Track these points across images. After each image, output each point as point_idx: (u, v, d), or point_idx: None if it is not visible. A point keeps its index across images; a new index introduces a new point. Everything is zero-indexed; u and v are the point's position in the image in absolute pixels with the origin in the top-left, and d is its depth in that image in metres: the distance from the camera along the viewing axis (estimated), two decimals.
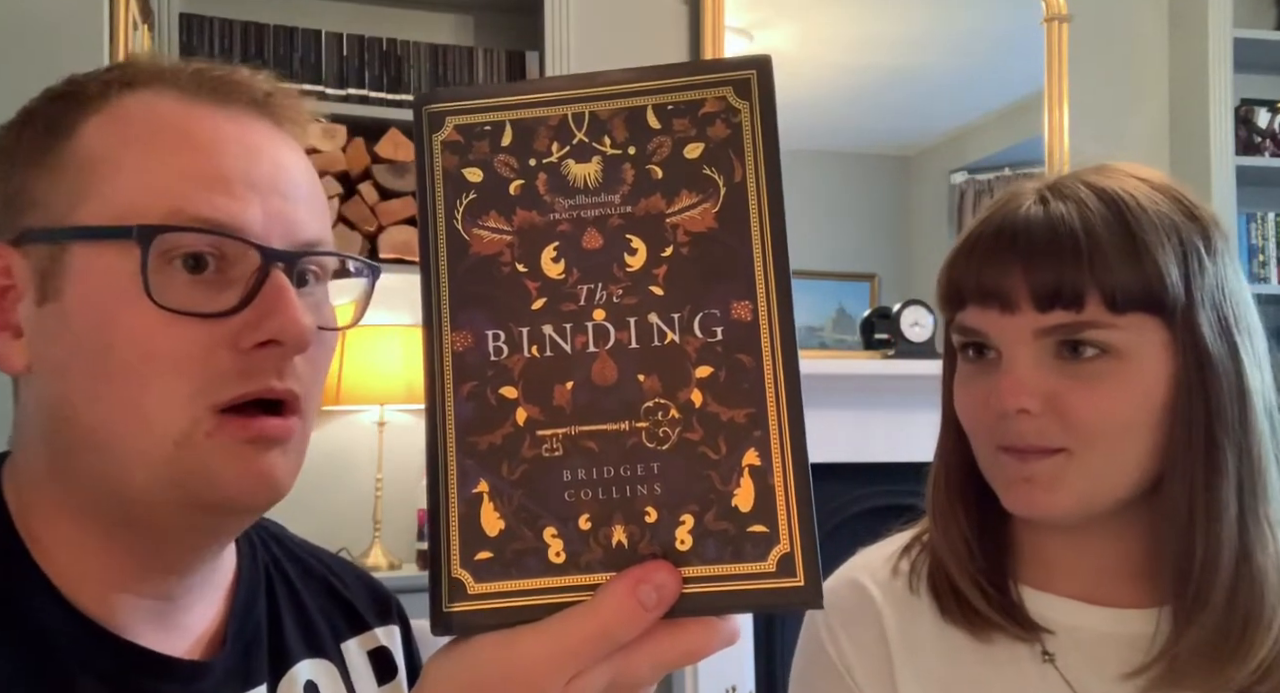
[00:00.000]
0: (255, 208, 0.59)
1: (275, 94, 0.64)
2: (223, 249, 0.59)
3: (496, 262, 0.44)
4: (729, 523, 0.41)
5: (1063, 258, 0.74)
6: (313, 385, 0.63)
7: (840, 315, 2.92)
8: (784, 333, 0.42)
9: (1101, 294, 0.74)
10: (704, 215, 0.43)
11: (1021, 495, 0.77)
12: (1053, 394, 0.75)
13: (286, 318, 0.58)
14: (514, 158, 0.45)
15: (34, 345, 0.61)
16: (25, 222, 0.61)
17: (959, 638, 0.83)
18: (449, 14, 2.70)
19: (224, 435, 0.58)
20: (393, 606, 0.83)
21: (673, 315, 0.43)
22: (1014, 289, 0.75)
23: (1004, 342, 0.77)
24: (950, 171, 3.04)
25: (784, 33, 2.91)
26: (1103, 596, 0.82)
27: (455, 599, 0.42)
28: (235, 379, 0.58)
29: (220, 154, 0.60)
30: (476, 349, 0.43)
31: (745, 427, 0.42)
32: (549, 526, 0.42)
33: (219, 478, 0.58)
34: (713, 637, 0.42)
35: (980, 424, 0.80)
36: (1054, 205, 0.77)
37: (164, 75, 0.63)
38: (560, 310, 0.43)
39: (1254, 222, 3.09)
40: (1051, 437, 0.75)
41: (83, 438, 0.59)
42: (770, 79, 0.44)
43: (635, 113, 0.44)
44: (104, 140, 0.60)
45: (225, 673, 0.65)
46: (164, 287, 0.57)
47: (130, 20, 1.87)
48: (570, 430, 0.42)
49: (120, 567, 0.61)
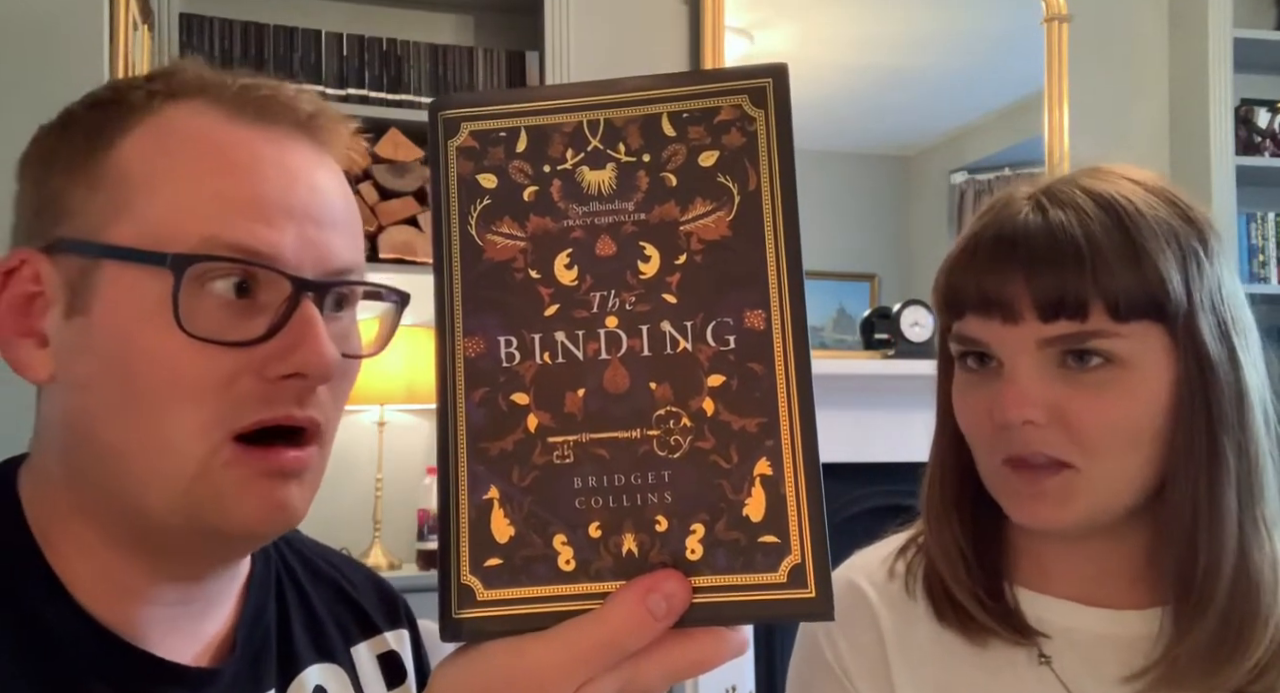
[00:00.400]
0: (290, 235, 0.59)
1: (318, 115, 0.64)
2: (256, 276, 0.59)
3: (510, 268, 0.44)
4: (740, 533, 0.41)
5: (1065, 267, 0.73)
6: (334, 412, 0.63)
7: (840, 315, 2.92)
8: (797, 342, 0.42)
9: (1105, 303, 0.73)
10: (718, 223, 0.43)
11: (1029, 510, 0.77)
12: (1057, 405, 0.75)
13: (312, 351, 0.58)
14: (528, 164, 0.44)
15: (59, 357, 0.60)
16: (59, 231, 0.60)
17: (955, 642, 0.83)
18: (449, 14, 2.69)
19: (242, 467, 0.58)
20: (401, 608, 0.83)
21: (685, 323, 0.43)
22: (1017, 299, 0.75)
23: (1006, 352, 0.76)
24: (950, 171, 3.04)
25: (784, 33, 2.91)
26: (1100, 597, 0.82)
27: (464, 606, 0.42)
28: (256, 406, 0.58)
29: (258, 178, 0.59)
30: (488, 355, 0.43)
31: (757, 436, 0.41)
32: (559, 533, 0.42)
33: (234, 509, 0.58)
34: (722, 647, 0.42)
35: (983, 436, 0.79)
36: (1053, 212, 0.76)
37: (208, 89, 0.62)
38: (573, 317, 0.43)
39: (1254, 222, 3.08)
40: (1057, 447, 0.75)
41: (100, 455, 0.59)
42: (786, 88, 0.44)
43: (650, 120, 0.44)
44: (143, 156, 0.60)
45: (234, 679, 0.65)
46: (193, 313, 0.57)
47: (130, 20, 1.87)
48: (581, 438, 0.42)
49: (132, 575, 0.61)
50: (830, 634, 0.87)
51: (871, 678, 0.85)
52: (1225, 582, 0.74)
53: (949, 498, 0.84)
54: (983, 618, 0.81)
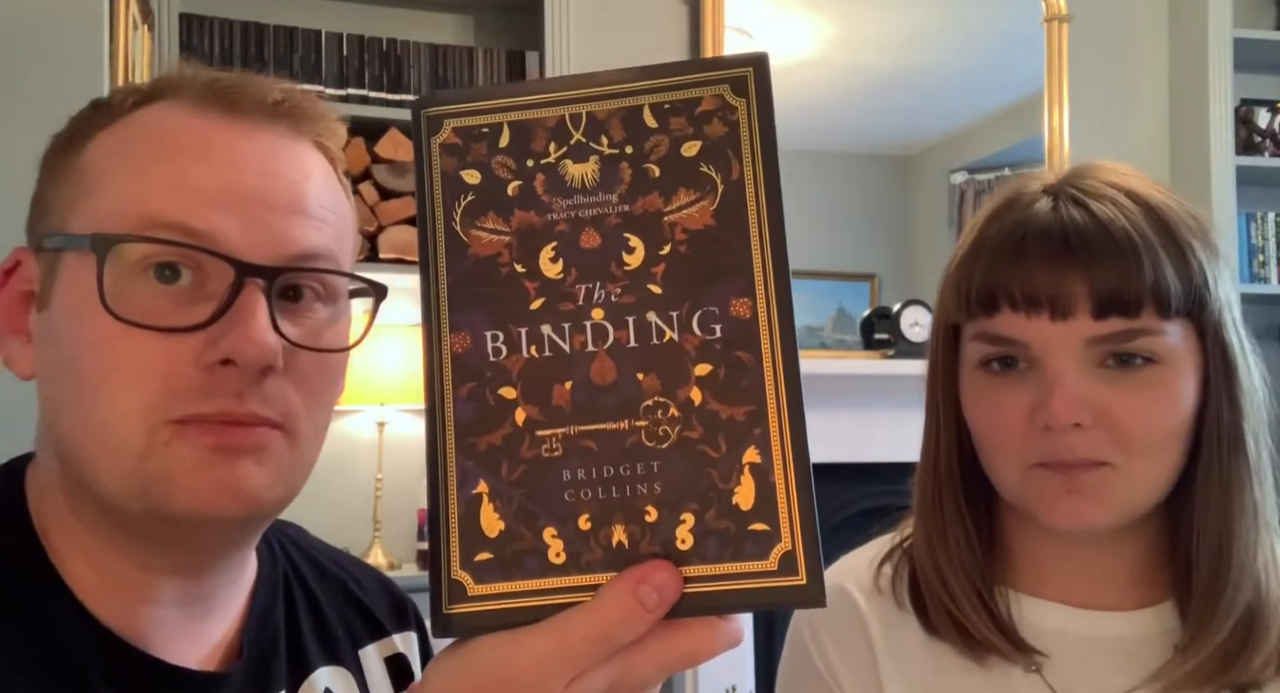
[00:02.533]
0: (233, 218, 0.57)
1: (286, 101, 0.62)
2: (199, 261, 0.57)
3: (495, 262, 0.44)
4: (730, 521, 0.41)
5: (1125, 262, 0.72)
6: (302, 409, 0.60)
7: (840, 315, 2.92)
8: (783, 330, 0.42)
9: (1156, 300, 0.72)
10: (702, 213, 0.43)
11: (1066, 509, 0.74)
12: (1102, 406, 0.73)
13: (241, 336, 0.55)
14: (512, 159, 0.45)
15: (36, 352, 0.61)
16: (40, 229, 0.62)
17: (945, 647, 0.82)
18: (449, 14, 2.70)
19: (183, 443, 0.56)
20: (410, 610, 0.82)
21: (671, 313, 0.43)
22: (1072, 295, 0.72)
23: (1050, 350, 0.74)
24: (950, 171, 3.04)
25: (784, 33, 2.91)
26: (1093, 599, 0.81)
27: (455, 601, 0.42)
28: (193, 397, 0.56)
29: (206, 164, 0.58)
30: (475, 350, 0.43)
31: (745, 424, 0.41)
32: (549, 526, 0.42)
33: (178, 487, 0.56)
34: (716, 637, 0.42)
35: (1013, 440, 0.76)
36: (1095, 206, 0.74)
37: (182, 87, 0.62)
38: (559, 310, 0.43)
39: (1254, 222, 3.08)
40: (1101, 450, 0.73)
41: (62, 445, 0.59)
42: (767, 76, 0.44)
43: (632, 112, 0.44)
44: (104, 152, 0.60)
45: (242, 683, 0.65)
46: (130, 298, 0.56)
47: (130, 20, 1.87)
48: (569, 430, 0.42)
49: (127, 569, 0.61)
50: (818, 640, 0.86)
51: (861, 684, 0.84)
52: (1245, 577, 0.74)
53: (945, 505, 0.82)
54: (975, 631, 0.80)
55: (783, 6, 2.88)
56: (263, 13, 2.46)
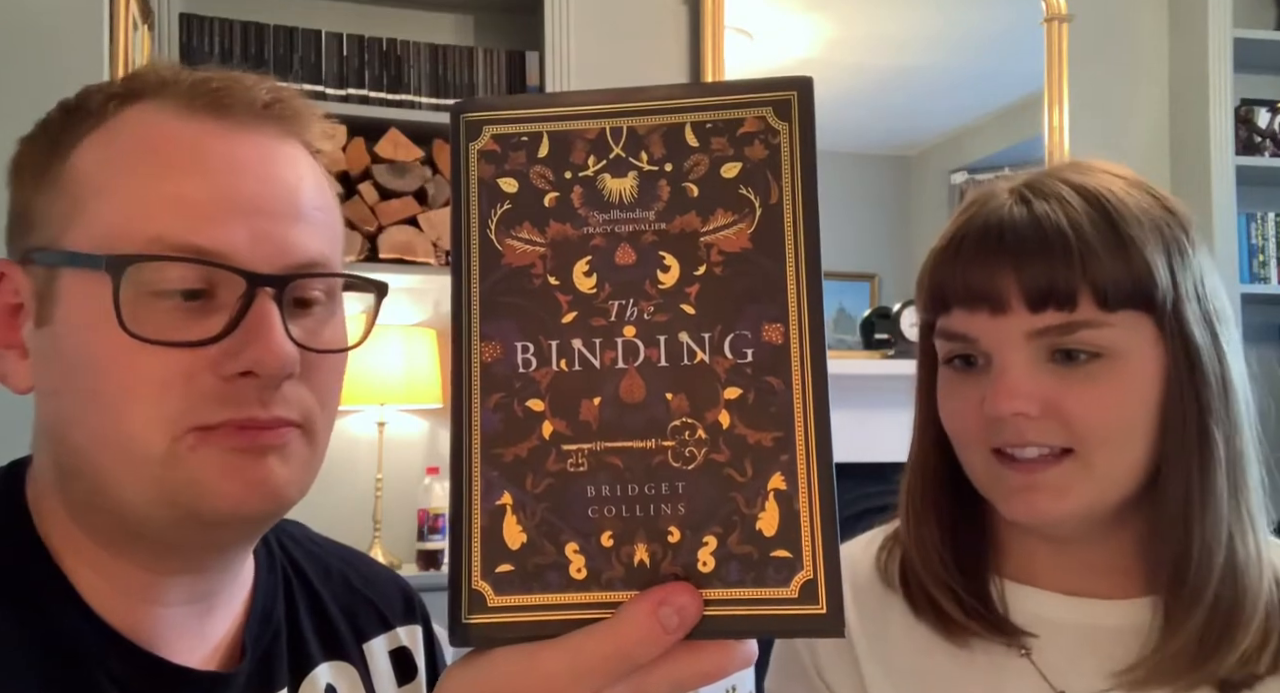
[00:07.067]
0: (240, 231, 0.58)
1: (276, 102, 0.62)
2: (210, 276, 0.58)
3: (528, 273, 0.43)
4: (752, 546, 0.41)
5: (1053, 256, 0.73)
6: (317, 407, 0.62)
7: (840, 315, 2.92)
8: (815, 357, 0.42)
9: (1093, 292, 0.73)
10: (738, 235, 0.43)
11: (1024, 503, 0.76)
12: (1050, 398, 0.74)
13: (263, 349, 0.57)
14: (550, 169, 0.44)
15: (34, 367, 0.61)
16: (28, 241, 0.61)
17: (931, 634, 0.83)
18: (449, 14, 2.69)
19: (210, 448, 0.57)
20: (415, 604, 0.83)
21: (703, 335, 0.42)
22: (1005, 289, 0.75)
23: (994, 345, 0.76)
24: (950, 172, 3.04)
25: (784, 33, 2.91)
26: (1086, 588, 0.82)
27: (475, 611, 0.41)
28: (218, 405, 0.57)
29: (205, 175, 0.58)
30: (505, 360, 0.43)
31: (772, 450, 0.41)
32: (571, 541, 0.41)
33: (210, 490, 0.57)
34: (730, 659, 0.41)
35: (971, 430, 0.78)
36: (1037, 204, 0.76)
37: (165, 87, 0.61)
38: (590, 325, 0.43)
39: (1254, 222, 3.08)
40: (1052, 436, 0.75)
41: (77, 458, 0.59)
42: (811, 101, 0.44)
43: (674, 129, 0.44)
44: (95, 161, 0.60)
45: (247, 682, 0.65)
46: (145, 314, 0.56)
47: (130, 20, 1.86)
48: (596, 446, 0.42)
49: (132, 573, 0.61)
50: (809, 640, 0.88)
51: (846, 677, 0.86)
52: (1216, 572, 0.74)
53: (929, 496, 0.84)
54: (959, 616, 0.81)
55: (783, 7, 2.88)
56: (263, 13, 2.45)
